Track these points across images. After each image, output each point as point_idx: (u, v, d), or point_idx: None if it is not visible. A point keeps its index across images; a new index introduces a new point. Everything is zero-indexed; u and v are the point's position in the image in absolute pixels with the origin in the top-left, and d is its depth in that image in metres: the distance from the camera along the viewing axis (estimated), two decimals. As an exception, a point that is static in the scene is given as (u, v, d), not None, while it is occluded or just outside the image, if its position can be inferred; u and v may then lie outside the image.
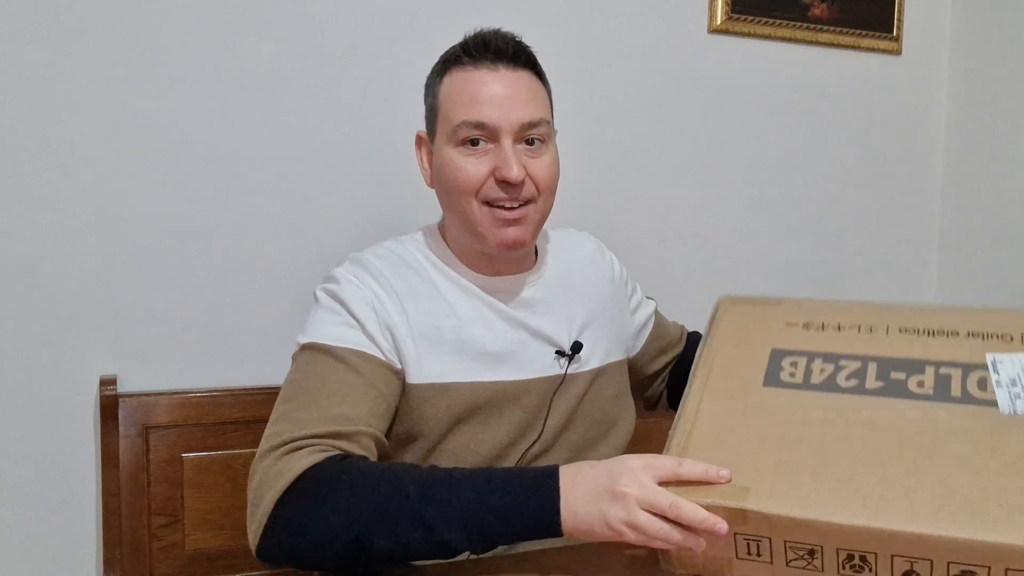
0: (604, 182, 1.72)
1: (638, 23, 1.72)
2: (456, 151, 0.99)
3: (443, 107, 1.00)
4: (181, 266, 1.44)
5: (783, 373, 0.86)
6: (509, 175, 0.96)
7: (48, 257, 1.37)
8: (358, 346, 0.96)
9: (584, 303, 1.14)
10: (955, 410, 0.78)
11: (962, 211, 2.00)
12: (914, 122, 2.00)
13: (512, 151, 0.97)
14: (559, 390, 1.07)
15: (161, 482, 1.37)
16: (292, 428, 0.89)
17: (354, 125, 1.53)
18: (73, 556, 1.41)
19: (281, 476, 0.84)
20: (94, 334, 1.40)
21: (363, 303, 0.99)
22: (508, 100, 0.97)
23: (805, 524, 0.71)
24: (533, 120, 0.99)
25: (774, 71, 1.85)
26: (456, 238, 1.07)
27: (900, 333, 0.87)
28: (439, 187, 1.04)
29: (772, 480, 0.75)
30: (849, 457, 0.76)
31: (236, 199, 1.47)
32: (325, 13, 1.50)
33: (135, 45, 1.39)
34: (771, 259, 1.89)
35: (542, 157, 1.02)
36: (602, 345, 1.14)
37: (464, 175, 0.98)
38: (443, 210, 1.07)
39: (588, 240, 1.25)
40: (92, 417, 1.40)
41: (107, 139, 1.39)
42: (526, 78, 1.01)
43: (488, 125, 0.97)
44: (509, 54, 1.00)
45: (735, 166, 1.84)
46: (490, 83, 0.98)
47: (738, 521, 0.73)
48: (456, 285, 1.05)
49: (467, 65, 0.99)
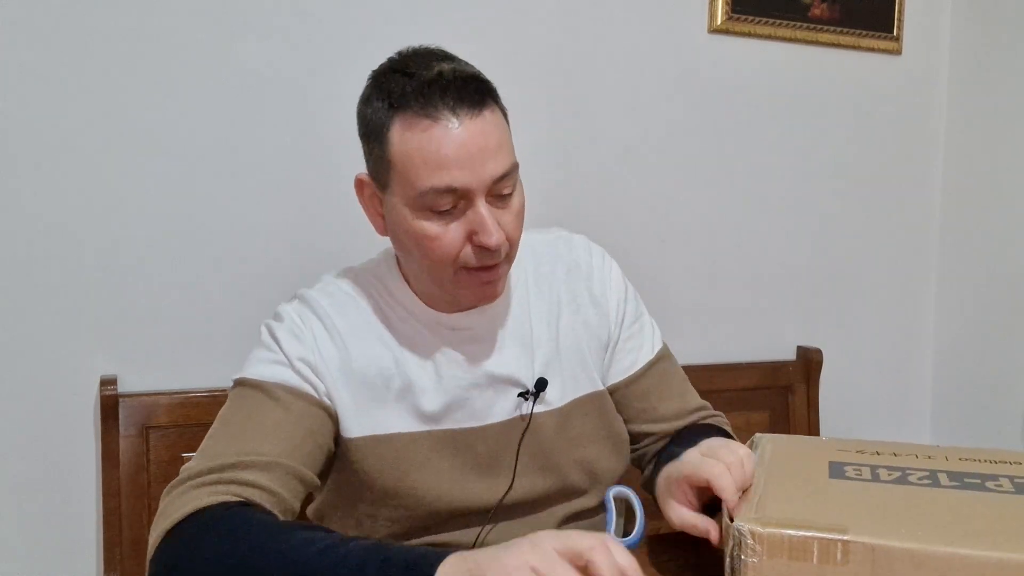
0: (604, 182, 1.72)
1: (638, 23, 1.72)
2: (422, 217, 0.87)
3: (399, 165, 0.87)
4: (181, 266, 1.44)
5: (847, 471, 0.81)
6: (489, 242, 0.86)
7: (48, 257, 1.37)
8: (288, 382, 0.90)
9: (551, 325, 1.02)
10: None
11: (962, 211, 2.00)
12: (914, 122, 2.00)
13: (488, 214, 0.87)
14: (525, 436, 0.97)
15: (161, 482, 1.37)
16: (202, 461, 0.85)
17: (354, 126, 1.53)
18: (73, 556, 1.41)
19: (171, 515, 0.80)
20: (94, 334, 1.40)
21: (299, 344, 0.92)
22: (478, 155, 0.85)
23: (920, 558, 0.64)
24: (505, 171, 0.88)
25: (774, 71, 1.85)
26: (418, 282, 0.97)
27: (961, 460, 0.84)
28: (398, 243, 0.94)
29: (871, 523, 0.68)
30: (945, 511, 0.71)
31: (236, 199, 1.47)
32: (325, 14, 1.50)
33: (135, 46, 1.39)
34: (771, 259, 1.89)
35: (511, 206, 0.91)
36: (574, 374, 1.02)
37: (438, 246, 0.88)
38: (401, 259, 0.98)
39: (579, 243, 1.10)
40: (92, 417, 1.40)
41: (107, 139, 1.39)
42: (490, 120, 0.87)
43: (459, 190, 0.85)
44: (470, 97, 0.86)
45: (735, 166, 1.84)
46: (455, 139, 0.84)
47: (835, 558, 0.66)
48: (409, 325, 0.97)
49: (422, 116, 0.85)
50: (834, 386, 1.93)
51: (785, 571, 0.68)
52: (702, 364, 1.80)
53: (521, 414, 0.98)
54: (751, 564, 0.68)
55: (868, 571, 0.65)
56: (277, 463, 0.85)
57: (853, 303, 1.99)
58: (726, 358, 1.84)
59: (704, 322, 1.84)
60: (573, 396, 1.02)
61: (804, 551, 0.67)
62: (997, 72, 1.91)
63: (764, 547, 0.68)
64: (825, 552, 0.66)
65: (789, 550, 0.68)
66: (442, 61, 0.88)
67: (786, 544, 0.68)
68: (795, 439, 0.96)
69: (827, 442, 0.92)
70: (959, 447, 0.90)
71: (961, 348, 2.01)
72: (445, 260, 0.89)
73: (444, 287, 0.93)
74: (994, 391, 1.91)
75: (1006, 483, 0.78)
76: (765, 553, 0.68)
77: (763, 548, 0.68)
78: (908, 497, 0.75)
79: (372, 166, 0.93)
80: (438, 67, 0.87)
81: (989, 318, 1.93)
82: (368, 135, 0.92)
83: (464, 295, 0.93)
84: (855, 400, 2.00)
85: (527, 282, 1.04)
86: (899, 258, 2.03)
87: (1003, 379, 1.89)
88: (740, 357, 1.86)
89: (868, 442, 0.91)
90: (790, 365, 1.88)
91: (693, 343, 1.82)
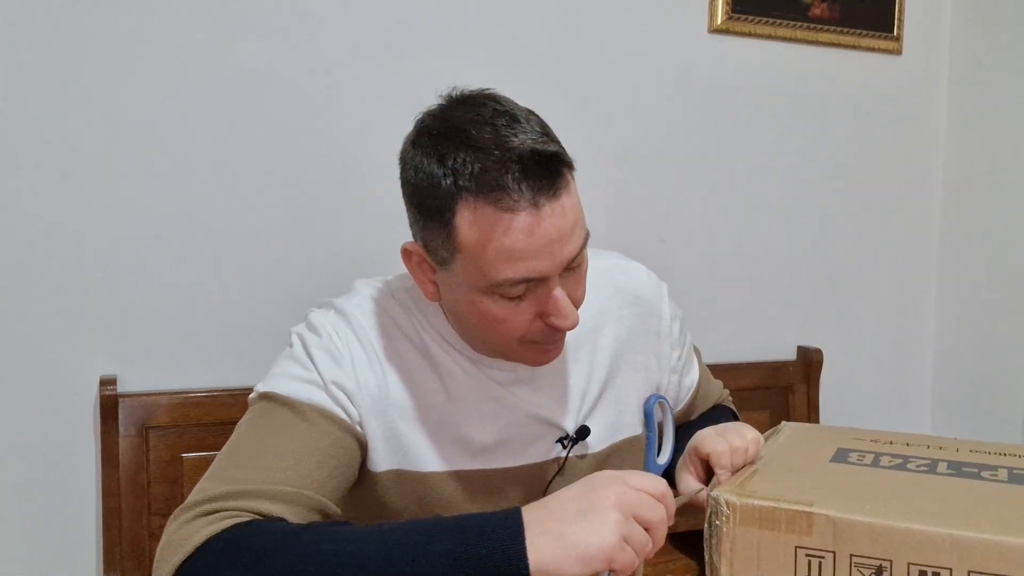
0: (604, 182, 1.72)
1: (638, 23, 1.72)
2: (489, 300, 0.80)
3: (468, 253, 0.78)
4: (181, 266, 1.44)
5: (851, 457, 0.85)
6: (563, 325, 0.81)
7: (48, 257, 1.37)
8: (323, 405, 0.83)
9: (599, 372, 0.96)
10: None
11: (962, 211, 2.00)
12: (914, 122, 2.00)
13: (563, 297, 0.80)
14: (556, 477, 0.93)
15: (161, 482, 1.37)
16: (220, 485, 0.76)
17: (355, 127, 1.53)
18: (73, 556, 1.41)
19: (181, 546, 0.72)
20: (94, 334, 1.40)
21: (336, 368, 0.85)
22: (556, 243, 0.77)
23: (875, 531, 0.67)
24: (579, 248, 0.81)
25: (774, 71, 1.85)
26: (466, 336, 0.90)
27: (971, 452, 0.87)
28: (455, 313, 0.87)
29: (840, 498, 0.72)
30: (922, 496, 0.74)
31: (236, 200, 1.46)
32: (325, 15, 1.50)
33: (135, 46, 1.39)
34: (771, 259, 1.89)
35: (581, 272, 0.84)
36: (617, 417, 0.97)
37: (506, 326, 0.82)
38: (452, 321, 0.89)
39: (637, 274, 1.02)
40: (92, 417, 1.40)
41: (107, 140, 1.39)
42: (566, 199, 0.78)
43: (536, 279, 0.79)
44: (550, 180, 0.77)
45: (735, 166, 1.84)
46: (536, 230, 0.76)
47: (801, 528, 0.70)
48: (451, 359, 0.90)
49: (497, 208, 0.75)
50: (834, 386, 1.93)
51: (756, 538, 0.72)
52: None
53: (556, 456, 0.93)
54: (725, 531, 0.73)
55: (831, 542, 0.69)
56: (302, 495, 0.78)
57: (853, 303, 1.99)
58: (726, 358, 1.84)
59: (704, 322, 1.84)
60: (611, 441, 0.97)
61: (773, 521, 0.71)
62: (997, 72, 1.91)
63: (737, 515, 0.73)
64: (792, 522, 0.70)
65: (759, 519, 0.72)
66: (511, 126, 0.77)
67: (756, 513, 0.72)
68: (817, 428, 1.00)
69: (849, 431, 0.95)
70: (976, 441, 0.91)
71: (961, 348, 2.01)
72: (510, 338, 0.83)
73: (501, 353, 0.87)
74: (994, 391, 1.91)
75: (1003, 473, 0.80)
76: (738, 521, 0.73)
77: (736, 516, 0.73)
78: (896, 481, 0.78)
79: (427, 239, 0.82)
80: (513, 140, 0.76)
81: (989, 318, 1.93)
82: (423, 207, 0.80)
83: (523, 360, 0.87)
84: (855, 400, 2.00)
85: (590, 305, 0.92)
86: (899, 258, 2.02)
87: (1003, 379, 1.89)
88: (740, 357, 1.86)
89: (888, 432, 0.94)
90: (790, 365, 1.88)
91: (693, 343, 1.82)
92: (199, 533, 0.72)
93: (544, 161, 0.76)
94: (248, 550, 0.70)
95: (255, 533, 0.72)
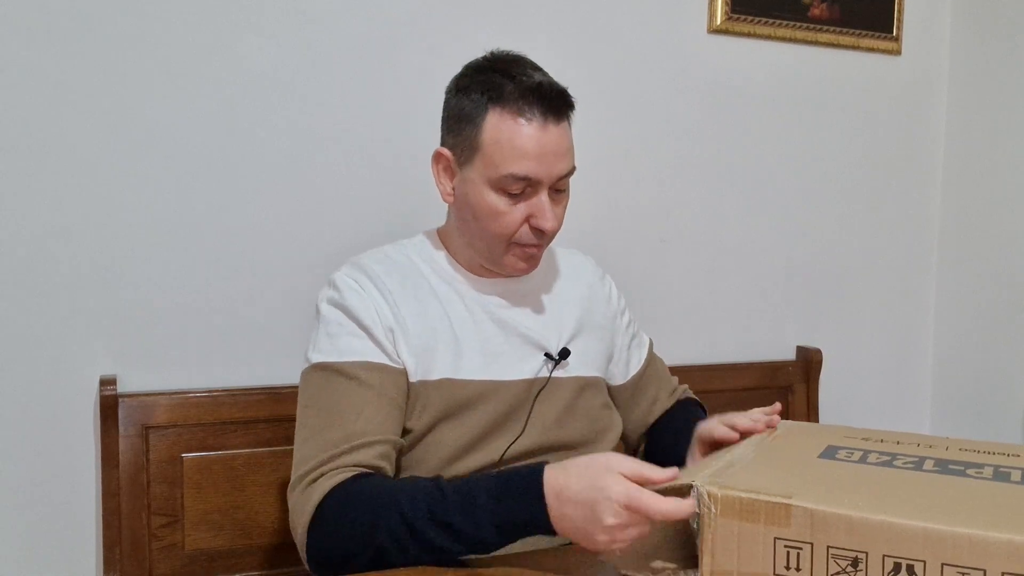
0: (604, 182, 1.72)
1: (638, 23, 1.72)
2: (495, 195, 1.04)
3: (487, 147, 1.03)
4: (181, 266, 1.44)
5: (839, 453, 0.87)
6: (546, 226, 1.05)
7: (48, 257, 1.37)
8: (365, 357, 1.03)
9: (575, 315, 1.19)
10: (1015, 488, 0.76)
11: (962, 211, 2.00)
12: (914, 122, 2.00)
13: (548, 203, 1.05)
14: (543, 392, 1.12)
15: (161, 482, 1.37)
16: (315, 452, 0.97)
17: (354, 126, 1.53)
18: (73, 556, 1.41)
19: (303, 511, 0.94)
20: (94, 334, 1.40)
21: (367, 310, 1.05)
22: (552, 155, 1.03)
23: (851, 523, 0.69)
24: (568, 170, 1.06)
25: (774, 71, 1.85)
26: (461, 249, 1.13)
27: (960, 451, 0.88)
28: (461, 212, 1.09)
29: (819, 491, 0.74)
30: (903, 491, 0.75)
31: (236, 199, 1.47)
32: (325, 14, 1.50)
33: (135, 46, 1.39)
34: (771, 259, 1.89)
35: (562, 200, 1.09)
36: (591, 358, 1.19)
37: (503, 222, 1.05)
38: (458, 226, 1.11)
39: (589, 263, 1.29)
40: (92, 417, 1.40)
41: (107, 139, 1.39)
42: (567, 129, 1.06)
43: (533, 179, 1.03)
44: (557, 109, 1.04)
45: (735, 166, 1.84)
46: (540, 139, 1.02)
47: (780, 520, 0.72)
48: (450, 287, 1.11)
49: (518, 115, 1.02)
50: (834, 386, 1.93)
51: (737, 529, 0.74)
52: (702, 364, 1.80)
53: (544, 375, 1.13)
54: (707, 521, 0.76)
55: (808, 534, 0.71)
56: (378, 440, 0.98)
57: (853, 303, 1.99)
58: (726, 358, 1.84)
59: (704, 322, 1.84)
60: (591, 373, 1.18)
61: (753, 512, 0.73)
62: (997, 72, 1.91)
63: (718, 507, 0.75)
64: (771, 514, 0.72)
65: (740, 511, 0.74)
66: (536, 71, 1.06)
67: (737, 505, 0.74)
68: (813, 426, 1.02)
69: (841, 429, 0.97)
70: (966, 439, 0.92)
71: (961, 348, 2.01)
72: (503, 233, 1.05)
73: (492, 253, 1.09)
74: (994, 391, 1.91)
75: (988, 471, 0.80)
76: (719, 512, 0.75)
77: (717, 508, 0.75)
78: (880, 477, 0.79)
79: (456, 142, 1.07)
80: (536, 76, 1.04)
81: (989, 318, 1.93)
82: (459, 118, 1.06)
83: (509, 262, 1.09)
84: (855, 400, 2.00)
85: (560, 273, 1.22)
86: (899, 258, 2.02)
87: (1003, 379, 1.89)
88: (740, 357, 1.86)
89: (880, 431, 0.96)
90: (790, 365, 1.88)
91: (693, 343, 1.82)
92: (315, 495, 0.93)
93: (554, 94, 1.04)
94: (360, 495, 0.92)
95: (360, 486, 0.93)
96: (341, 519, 0.92)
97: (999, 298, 1.90)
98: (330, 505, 0.92)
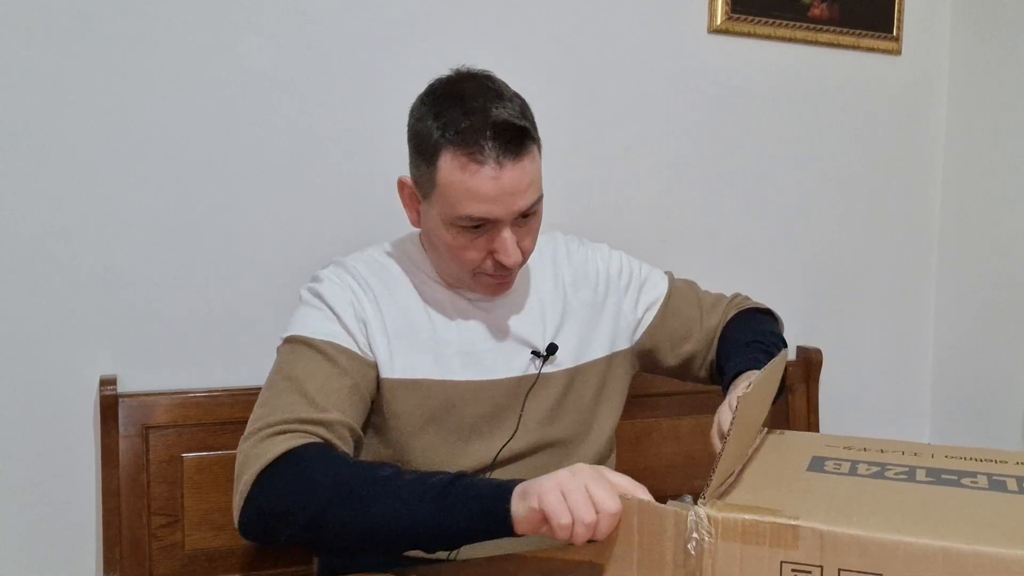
0: (604, 182, 1.72)
1: (638, 23, 1.72)
2: (454, 230, 1.02)
3: (442, 189, 1.00)
4: (181, 266, 1.44)
5: (827, 465, 0.84)
6: (507, 262, 1.02)
7: (48, 257, 1.37)
8: (335, 339, 1.03)
9: (558, 306, 1.17)
10: (1015, 498, 0.74)
11: (962, 211, 2.00)
12: (914, 122, 2.00)
13: (510, 238, 1.02)
14: (532, 390, 1.11)
15: (161, 482, 1.37)
16: (273, 412, 0.96)
17: (354, 126, 1.53)
18: (73, 556, 1.41)
19: (260, 457, 0.92)
20: (94, 334, 1.40)
21: (341, 299, 1.06)
22: (510, 195, 0.99)
23: (864, 544, 0.66)
24: (530, 205, 1.02)
25: (774, 71, 1.85)
26: (440, 265, 1.11)
27: (947, 458, 0.86)
28: (428, 240, 1.09)
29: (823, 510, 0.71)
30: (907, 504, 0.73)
31: (236, 200, 1.47)
32: (325, 14, 1.50)
33: (135, 46, 1.39)
34: (771, 259, 1.89)
35: (531, 226, 1.06)
36: (579, 343, 1.17)
37: (464, 257, 1.04)
38: (429, 249, 1.11)
39: (561, 246, 1.25)
40: (92, 417, 1.40)
41: (107, 139, 1.39)
42: (526, 165, 1.00)
43: (490, 220, 1.00)
44: (515, 148, 0.99)
45: (735, 166, 1.84)
46: (496, 181, 0.98)
47: (787, 542, 0.68)
48: (434, 289, 1.11)
49: (469, 159, 0.97)
50: (834, 386, 1.93)
51: (739, 553, 0.71)
52: (702, 364, 1.80)
53: (533, 372, 1.12)
54: (707, 546, 0.72)
55: (818, 556, 0.67)
56: (341, 422, 0.98)
57: (853, 303, 1.99)
58: (726, 358, 1.84)
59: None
60: (580, 360, 1.16)
61: (757, 535, 0.70)
62: (997, 72, 1.91)
63: (719, 530, 0.71)
64: (777, 536, 0.69)
65: (742, 534, 0.70)
66: (496, 101, 0.99)
67: (739, 528, 0.70)
68: (793, 435, 0.99)
69: (821, 438, 0.95)
70: (950, 446, 0.91)
71: (961, 348, 2.01)
72: (466, 267, 1.05)
73: (461, 279, 1.08)
74: (994, 391, 1.91)
75: (982, 480, 0.79)
76: (720, 536, 0.71)
77: (717, 531, 0.71)
78: (876, 490, 0.77)
79: (416, 175, 1.05)
80: (493, 111, 0.98)
81: (989, 318, 1.93)
82: (418, 149, 1.03)
83: (479, 287, 1.08)
84: (855, 400, 2.00)
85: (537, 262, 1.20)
86: (899, 258, 2.02)
87: (1003, 379, 1.89)
88: (740, 357, 1.85)
89: (859, 439, 0.94)
90: (790, 365, 1.88)
91: (693, 343, 1.82)
92: (277, 446, 0.92)
93: (513, 132, 0.98)
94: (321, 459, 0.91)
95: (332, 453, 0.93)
96: (297, 477, 0.90)
97: (999, 298, 1.90)
98: (289, 461, 0.91)
